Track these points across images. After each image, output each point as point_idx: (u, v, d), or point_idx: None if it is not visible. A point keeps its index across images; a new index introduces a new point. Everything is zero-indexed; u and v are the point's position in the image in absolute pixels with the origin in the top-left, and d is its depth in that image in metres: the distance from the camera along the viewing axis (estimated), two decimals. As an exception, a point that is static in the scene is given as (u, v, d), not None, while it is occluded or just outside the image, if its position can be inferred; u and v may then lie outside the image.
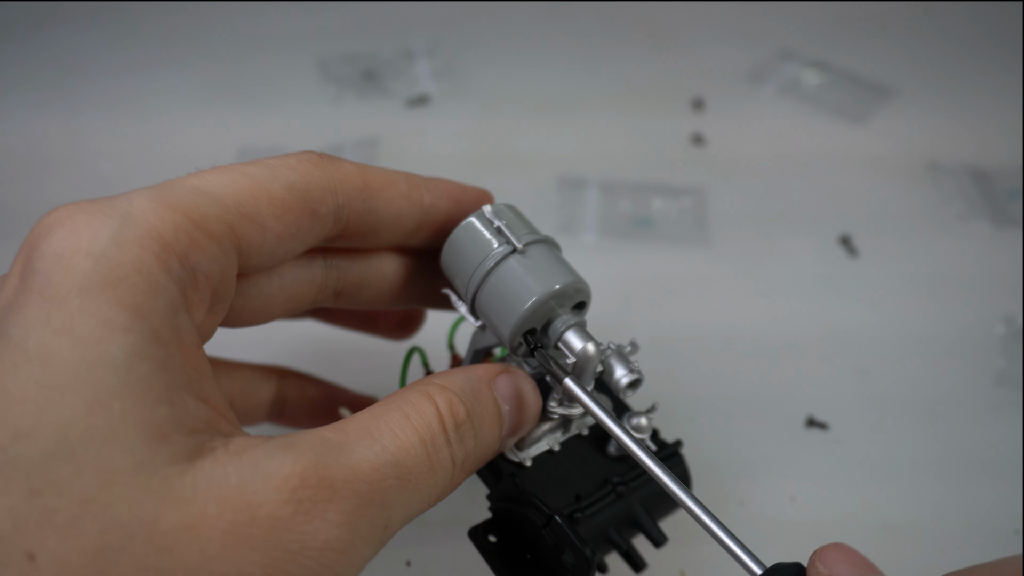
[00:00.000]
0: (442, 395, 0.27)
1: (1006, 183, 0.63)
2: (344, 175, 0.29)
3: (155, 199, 0.24)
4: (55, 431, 0.20)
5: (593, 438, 0.34)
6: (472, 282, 0.31)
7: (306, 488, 0.22)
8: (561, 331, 0.31)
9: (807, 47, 0.76)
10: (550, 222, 0.59)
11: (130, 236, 0.23)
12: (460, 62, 0.74)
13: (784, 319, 0.53)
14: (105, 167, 0.64)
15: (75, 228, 0.23)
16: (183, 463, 0.21)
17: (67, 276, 0.22)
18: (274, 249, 0.28)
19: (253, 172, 0.27)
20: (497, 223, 0.31)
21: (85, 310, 0.22)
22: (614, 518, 0.32)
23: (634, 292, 0.55)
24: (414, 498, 0.25)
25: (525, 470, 0.31)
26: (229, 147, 0.65)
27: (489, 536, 0.31)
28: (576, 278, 0.31)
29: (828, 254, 0.58)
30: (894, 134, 0.67)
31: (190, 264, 0.24)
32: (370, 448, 0.24)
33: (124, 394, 0.21)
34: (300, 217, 0.28)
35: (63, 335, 0.21)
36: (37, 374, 0.21)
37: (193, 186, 0.25)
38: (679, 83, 0.72)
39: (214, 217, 0.25)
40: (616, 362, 0.31)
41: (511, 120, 0.68)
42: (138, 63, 0.74)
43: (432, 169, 0.64)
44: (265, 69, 0.74)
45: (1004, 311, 0.53)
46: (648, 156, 0.65)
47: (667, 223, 0.60)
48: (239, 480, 0.22)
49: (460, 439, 0.27)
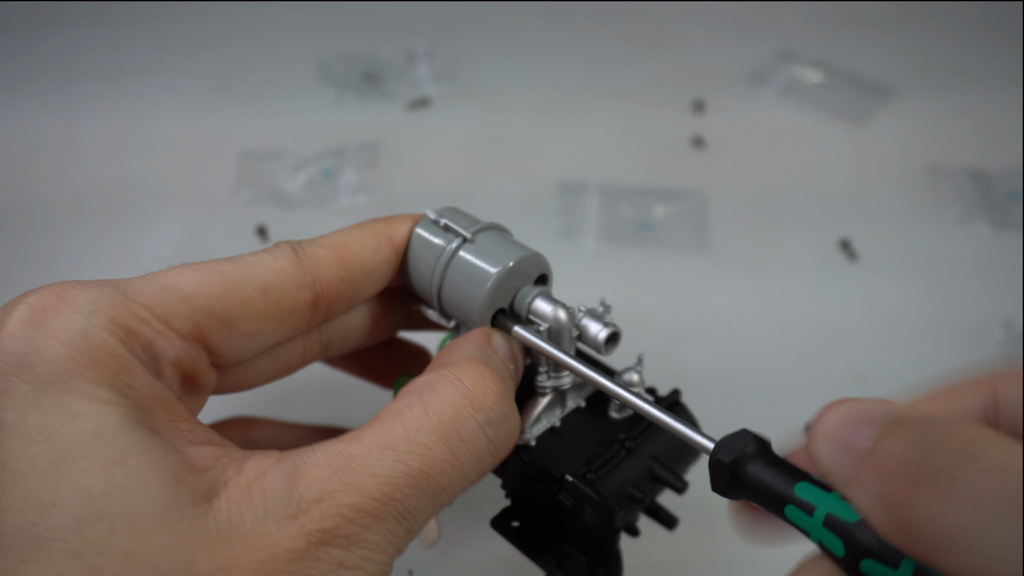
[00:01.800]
0: (470, 371, 0.27)
1: (1006, 185, 0.63)
2: (319, 264, 0.30)
3: (122, 292, 0.26)
4: (79, 496, 0.21)
5: (592, 408, 0.34)
6: (433, 283, 0.32)
7: (313, 523, 0.23)
8: (528, 302, 0.32)
9: (807, 47, 0.75)
10: (550, 227, 0.59)
11: (96, 323, 0.24)
12: (461, 64, 0.74)
13: (783, 324, 0.53)
14: (106, 168, 0.64)
15: (44, 317, 0.24)
16: (203, 503, 0.22)
17: (43, 359, 0.23)
18: (244, 346, 0.29)
19: (229, 271, 0.28)
20: (443, 221, 0.32)
21: (72, 390, 0.23)
22: (630, 474, 0.32)
23: (634, 297, 0.55)
24: (438, 497, 0.26)
25: (530, 449, 0.32)
26: (230, 149, 0.65)
27: (512, 522, 0.32)
28: (530, 252, 0.32)
29: (828, 258, 0.58)
30: (894, 136, 0.67)
31: (154, 351, 0.25)
32: (382, 460, 0.24)
33: (134, 451, 0.22)
34: (271, 318, 0.29)
35: (59, 414, 0.22)
36: (45, 451, 0.22)
37: (164, 284, 0.27)
38: (679, 84, 0.72)
39: (180, 315, 0.26)
40: (590, 321, 0.31)
41: (512, 122, 0.68)
42: (139, 64, 0.74)
43: (433, 172, 0.64)
44: (266, 71, 0.74)
45: (1004, 314, 0.53)
46: (648, 158, 0.65)
47: (667, 227, 0.60)
48: (253, 521, 0.22)
49: (492, 420, 0.27)
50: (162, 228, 0.59)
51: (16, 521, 0.21)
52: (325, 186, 0.62)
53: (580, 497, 0.29)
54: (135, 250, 0.58)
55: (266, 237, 0.58)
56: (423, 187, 0.63)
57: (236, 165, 0.64)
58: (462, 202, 0.60)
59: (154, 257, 0.57)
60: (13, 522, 0.21)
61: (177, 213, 0.60)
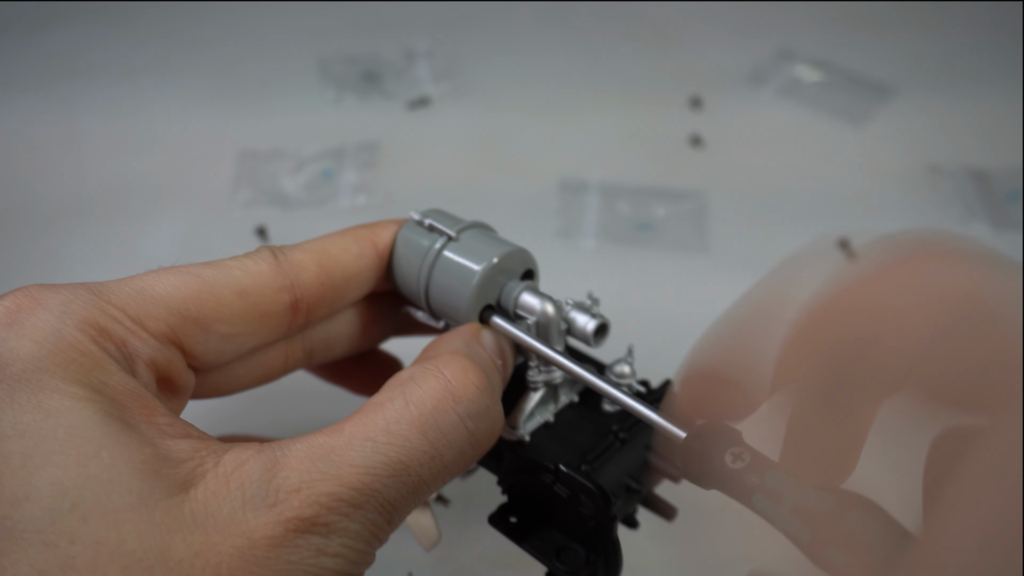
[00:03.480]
0: (452, 364, 0.28)
1: (1006, 185, 0.63)
2: (298, 268, 0.30)
3: (96, 294, 0.26)
4: (52, 488, 0.21)
5: (585, 402, 0.34)
6: (420, 283, 0.32)
7: (292, 511, 0.23)
8: (515, 296, 0.32)
9: (807, 47, 0.75)
10: (550, 227, 0.59)
11: (69, 323, 0.25)
12: (461, 64, 0.74)
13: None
14: (105, 168, 0.64)
15: (17, 318, 0.24)
16: (179, 493, 0.22)
17: (16, 359, 0.23)
18: (221, 348, 0.29)
19: (206, 274, 0.28)
20: (428, 222, 0.32)
21: (45, 387, 0.23)
22: (625, 465, 0.32)
23: (633, 297, 0.55)
24: (419, 489, 0.26)
25: (525, 445, 0.32)
26: (229, 149, 0.65)
27: (510, 518, 0.32)
28: (515, 248, 0.32)
29: (827, 259, 0.58)
30: (893, 136, 0.67)
31: (128, 350, 0.26)
32: (362, 451, 0.25)
33: (108, 444, 0.22)
34: (248, 321, 0.29)
35: (32, 411, 0.23)
36: (18, 447, 0.22)
37: (139, 286, 0.27)
38: (679, 84, 0.72)
39: (154, 317, 0.27)
40: (577, 313, 0.31)
41: (512, 122, 0.68)
42: (138, 64, 0.74)
43: (433, 171, 0.64)
44: (265, 70, 0.74)
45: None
46: (648, 158, 0.65)
47: (667, 227, 0.60)
48: (230, 509, 0.22)
49: (473, 412, 0.27)
50: (161, 228, 0.59)
51: None
52: (325, 186, 0.62)
53: (575, 487, 0.29)
54: (134, 250, 0.58)
55: (266, 237, 0.58)
56: (423, 187, 0.63)
57: (235, 165, 0.64)
58: (461, 202, 0.61)
59: (153, 257, 0.57)
60: None
61: (176, 213, 0.60)
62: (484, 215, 0.35)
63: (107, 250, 0.58)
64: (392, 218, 0.34)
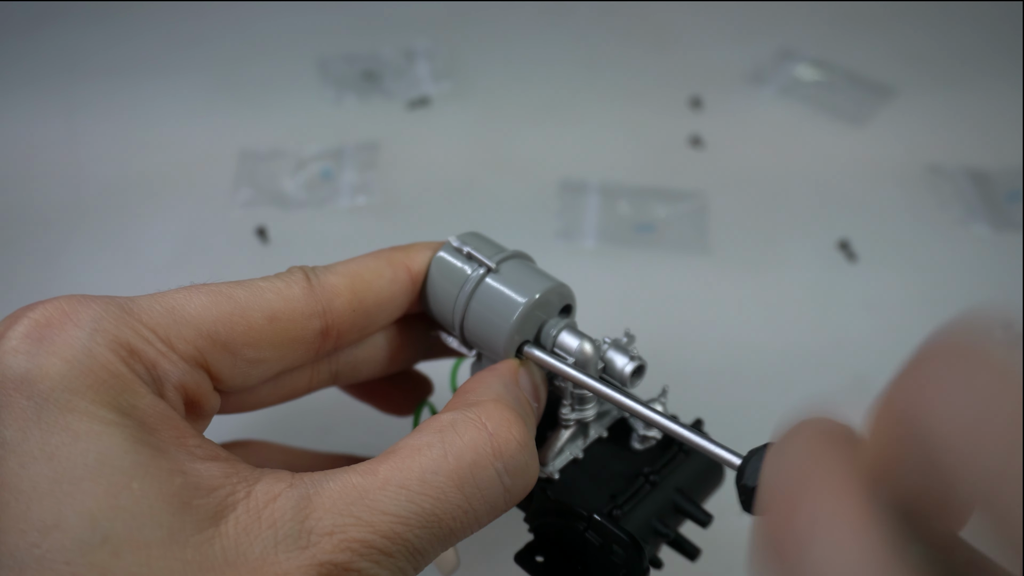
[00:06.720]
0: (495, 416, 0.27)
1: (1005, 185, 0.63)
2: (331, 293, 0.29)
3: (127, 311, 0.25)
4: (82, 518, 0.21)
5: (614, 438, 0.34)
6: (456, 312, 0.31)
7: (325, 555, 0.23)
8: (555, 335, 0.31)
9: (807, 46, 0.75)
10: (550, 227, 0.59)
11: (100, 342, 0.24)
12: (461, 64, 0.74)
13: (783, 326, 0.53)
14: (105, 168, 0.64)
15: (47, 333, 0.24)
16: (209, 528, 0.22)
17: (45, 377, 0.23)
18: (248, 372, 0.28)
19: (238, 296, 0.27)
20: (466, 249, 0.31)
21: (74, 409, 0.22)
22: (655, 508, 0.31)
23: (633, 299, 0.55)
24: (447, 539, 0.25)
25: (554, 483, 0.31)
26: (230, 149, 0.65)
27: (536, 557, 0.31)
28: (556, 283, 0.31)
29: (827, 259, 0.58)
30: (893, 136, 0.67)
31: (158, 373, 0.25)
32: (396, 499, 0.24)
33: (138, 474, 0.22)
34: (277, 347, 0.28)
35: (60, 433, 0.22)
36: (47, 471, 0.21)
37: (170, 305, 0.26)
38: (679, 84, 0.72)
39: (183, 339, 0.26)
40: (615, 353, 0.31)
41: (512, 122, 0.68)
42: (138, 64, 0.74)
43: (433, 171, 0.64)
44: (265, 70, 0.74)
45: (1003, 316, 0.53)
46: (648, 159, 0.65)
47: (667, 229, 0.60)
48: (262, 549, 0.22)
49: (512, 469, 0.26)
50: (161, 228, 0.59)
51: (17, 541, 0.21)
52: (325, 186, 0.62)
53: (608, 537, 0.29)
54: (134, 250, 0.58)
55: (266, 238, 0.58)
56: (423, 187, 0.63)
57: (235, 165, 0.64)
58: (461, 201, 0.61)
59: (153, 257, 0.57)
60: (14, 542, 0.21)
61: (176, 213, 0.60)
62: (484, 215, 0.34)
63: (107, 250, 0.58)
64: (425, 241, 0.33)
